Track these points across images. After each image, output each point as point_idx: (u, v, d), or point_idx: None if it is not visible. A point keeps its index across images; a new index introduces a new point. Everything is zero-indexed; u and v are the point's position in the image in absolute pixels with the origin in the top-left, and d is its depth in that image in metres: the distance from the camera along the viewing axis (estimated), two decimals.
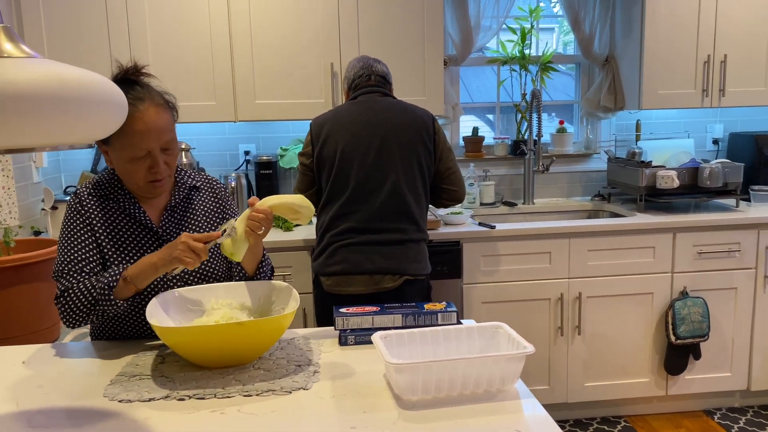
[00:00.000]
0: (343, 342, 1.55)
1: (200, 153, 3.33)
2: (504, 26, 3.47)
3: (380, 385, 1.33)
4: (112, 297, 1.46)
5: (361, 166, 2.24)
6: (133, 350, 1.55)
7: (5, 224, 2.42)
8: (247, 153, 3.31)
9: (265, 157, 3.20)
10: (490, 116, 3.87)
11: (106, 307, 1.47)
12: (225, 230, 1.48)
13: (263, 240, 1.57)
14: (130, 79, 1.52)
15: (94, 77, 1.05)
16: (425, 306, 1.59)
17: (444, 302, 1.62)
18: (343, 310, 1.58)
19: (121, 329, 1.62)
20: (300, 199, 1.52)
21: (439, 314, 1.56)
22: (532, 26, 3.51)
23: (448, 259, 2.87)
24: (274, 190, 3.22)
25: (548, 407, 3.05)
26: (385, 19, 3.00)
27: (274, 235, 2.84)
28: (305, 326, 2.81)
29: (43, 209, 2.94)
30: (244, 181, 3.16)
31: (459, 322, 1.58)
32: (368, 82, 2.37)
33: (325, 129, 2.30)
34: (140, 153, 1.49)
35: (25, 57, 1.03)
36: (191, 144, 3.26)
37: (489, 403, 1.24)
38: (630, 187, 3.25)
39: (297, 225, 3.02)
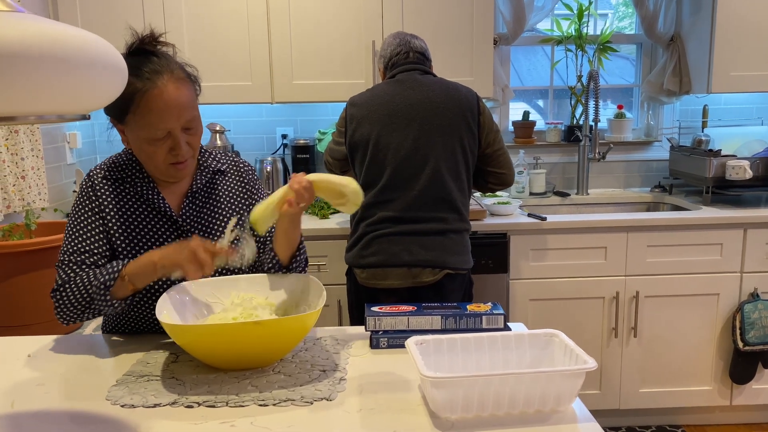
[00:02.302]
0: (374, 345, 1.38)
1: (236, 136, 3.20)
2: (559, 2, 3.22)
3: (414, 398, 1.16)
4: (108, 297, 1.33)
5: (398, 150, 2.06)
6: (147, 346, 1.42)
7: (29, 206, 2.33)
8: (284, 136, 3.17)
9: (302, 141, 3.06)
10: (540, 102, 3.63)
11: (102, 307, 1.34)
12: (236, 238, 1.32)
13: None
14: (146, 49, 1.37)
15: (84, 36, 0.90)
16: (468, 307, 1.41)
17: (489, 303, 1.43)
18: (375, 309, 1.41)
19: (135, 323, 1.50)
20: (348, 181, 1.33)
21: (484, 317, 1.38)
22: (590, 3, 3.25)
23: (494, 252, 2.67)
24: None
25: (599, 413, 2.83)
26: None
27: (309, 223, 2.69)
28: (340, 321, 2.66)
29: (74, 191, 2.86)
30: (280, 165, 3.02)
31: (506, 327, 1.40)
32: (406, 60, 2.17)
33: (360, 110, 2.13)
34: (159, 134, 1.34)
35: (8, 11, 0.89)
36: (226, 126, 3.14)
37: (541, 425, 1.06)
38: (695, 177, 2.98)
39: (333, 213, 2.86)
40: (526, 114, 3.32)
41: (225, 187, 1.53)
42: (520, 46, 3.38)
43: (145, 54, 1.35)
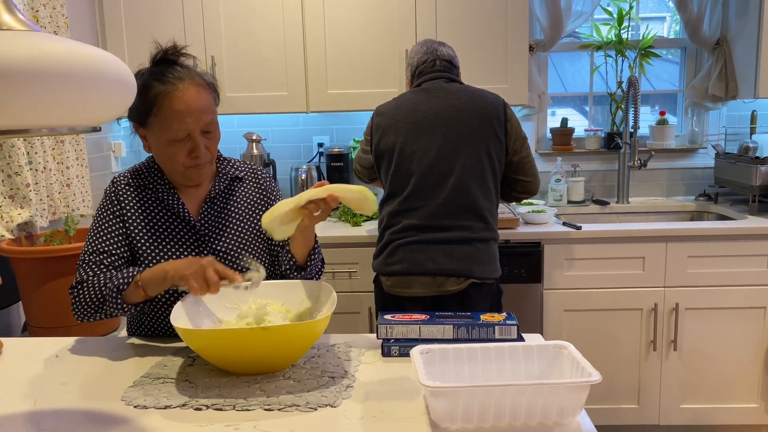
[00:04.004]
0: (386, 353, 1.39)
1: (273, 145, 3.27)
2: (600, 8, 3.17)
3: (418, 407, 1.16)
4: (119, 300, 1.38)
5: (423, 158, 2.07)
6: (167, 350, 1.46)
7: (72, 212, 2.44)
8: (320, 145, 3.22)
9: (336, 149, 3.09)
10: (588, 108, 3.57)
11: (113, 309, 1.39)
12: (250, 280, 1.35)
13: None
14: (169, 59, 1.43)
15: (94, 53, 0.94)
16: (481, 317, 1.40)
17: (504, 313, 1.42)
18: (387, 317, 1.42)
19: (158, 326, 1.55)
20: (368, 193, 1.36)
21: (497, 327, 1.37)
22: (631, 7, 3.18)
23: (527, 261, 2.64)
24: (344, 183, 3.10)
25: (637, 429, 2.75)
26: (465, 0, 2.79)
27: (340, 230, 2.72)
28: (371, 328, 2.67)
29: None
30: (314, 174, 3.07)
31: (520, 338, 1.38)
32: (433, 68, 2.18)
33: (386, 119, 2.14)
34: (180, 135, 1.40)
35: (25, 30, 0.95)
36: (264, 135, 3.21)
37: None
38: (741, 186, 2.87)
39: (365, 220, 2.88)
40: (564, 121, 3.26)
41: (242, 193, 1.57)
42: (558, 52, 3.34)
43: (168, 63, 1.42)
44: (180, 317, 1.30)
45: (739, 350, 2.66)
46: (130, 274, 1.39)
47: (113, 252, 1.46)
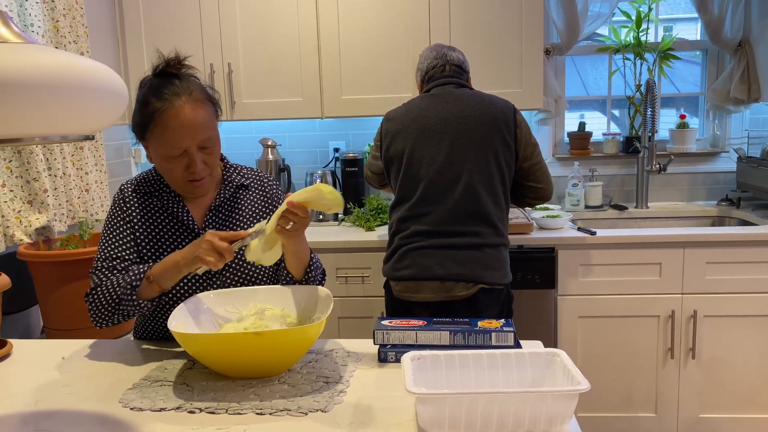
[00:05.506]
0: (382, 358, 1.39)
1: (290, 150, 3.29)
2: (618, 11, 3.13)
3: (409, 414, 1.15)
4: (134, 297, 1.40)
5: (431, 164, 2.07)
6: (170, 353, 1.49)
7: (91, 217, 2.50)
8: (336, 150, 3.24)
9: (350, 155, 3.11)
10: (616, 112, 3.52)
11: (129, 308, 1.42)
12: (255, 231, 1.37)
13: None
14: (170, 72, 1.45)
15: (85, 64, 0.97)
16: (479, 323, 1.39)
17: (502, 320, 1.41)
18: (384, 322, 1.42)
19: (163, 329, 1.57)
20: (323, 187, 1.36)
21: (493, 334, 1.36)
22: (650, 9, 3.13)
23: (541, 266, 2.61)
24: (359, 188, 3.11)
25: None
26: (479, 4, 2.79)
27: (354, 235, 2.73)
28: None
29: None
30: (329, 179, 3.08)
31: (517, 344, 1.37)
32: (443, 73, 2.18)
33: (395, 125, 2.15)
34: (175, 152, 1.42)
35: (20, 42, 0.98)
36: (281, 141, 3.24)
37: None
38: (764, 191, 2.81)
39: (378, 224, 2.89)
40: (581, 125, 3.23)
41: (247, 201, 1.59)
42: (576, 55, 3.30)
43: (168, 76, 1.43)
44: (178, 321, 1.32)
45: (760, 359, 2.60)
46: (141, 271, 1.42)
47: (125, 257, 1.49)
